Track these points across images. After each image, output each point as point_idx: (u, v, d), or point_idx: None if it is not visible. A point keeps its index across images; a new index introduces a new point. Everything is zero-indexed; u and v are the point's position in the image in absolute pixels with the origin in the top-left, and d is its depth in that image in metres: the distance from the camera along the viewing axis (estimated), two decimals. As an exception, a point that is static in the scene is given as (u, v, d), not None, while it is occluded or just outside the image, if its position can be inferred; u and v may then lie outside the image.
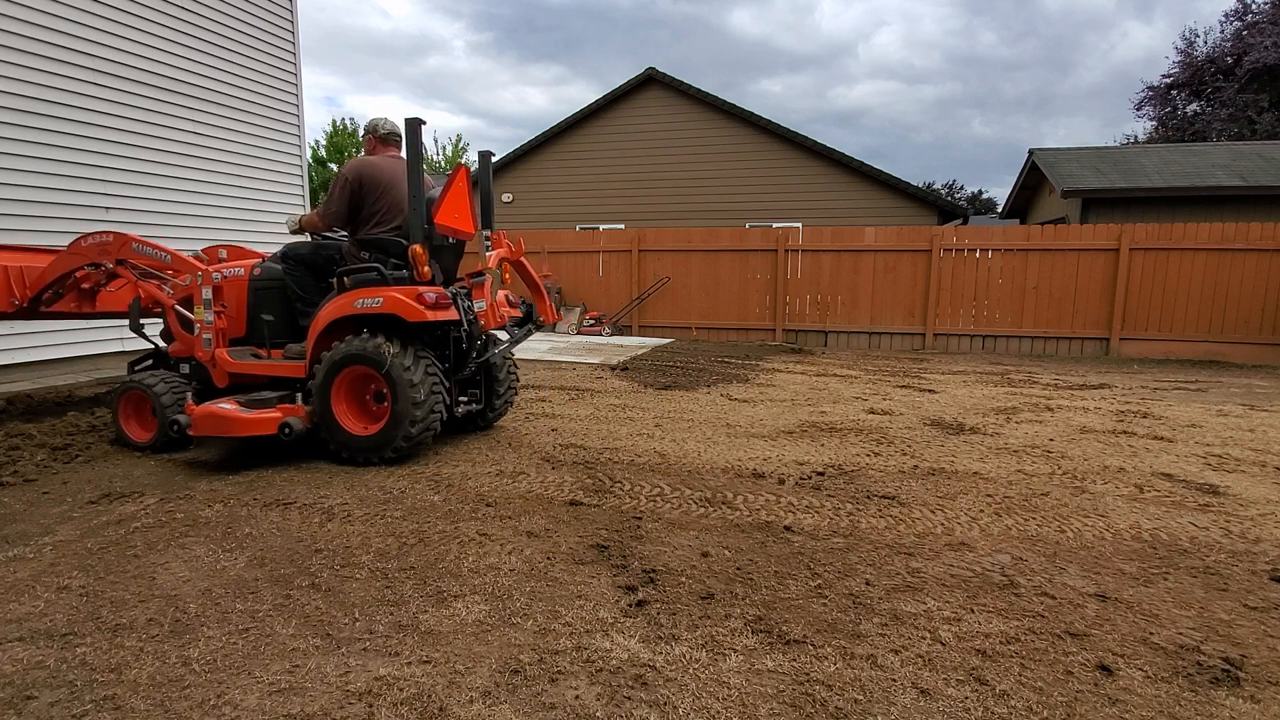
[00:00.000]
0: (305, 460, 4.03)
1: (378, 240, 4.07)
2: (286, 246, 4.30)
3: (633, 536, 2.90)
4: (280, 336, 4.26)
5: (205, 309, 4.16)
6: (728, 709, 1.79)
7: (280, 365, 4.13)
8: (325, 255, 4.26)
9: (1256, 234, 9.45)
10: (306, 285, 4.24)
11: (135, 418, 4.26)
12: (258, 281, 4.34)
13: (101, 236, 4.40)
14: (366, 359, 3.73)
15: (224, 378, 4.22)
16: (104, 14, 6.42)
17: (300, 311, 4.22)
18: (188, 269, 4.26)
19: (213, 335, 4.16)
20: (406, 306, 3.71)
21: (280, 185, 8.67)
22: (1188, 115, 24.49)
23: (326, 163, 34.72)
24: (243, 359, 4.18)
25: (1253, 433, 5.04)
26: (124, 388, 4.22)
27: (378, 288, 3.82)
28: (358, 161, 4.12)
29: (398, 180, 4.11)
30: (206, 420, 3.75)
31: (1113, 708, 1.82)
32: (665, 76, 15.39)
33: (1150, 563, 2.73)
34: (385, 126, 4.32)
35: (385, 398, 3.81)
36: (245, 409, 3.77)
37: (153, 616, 2.23)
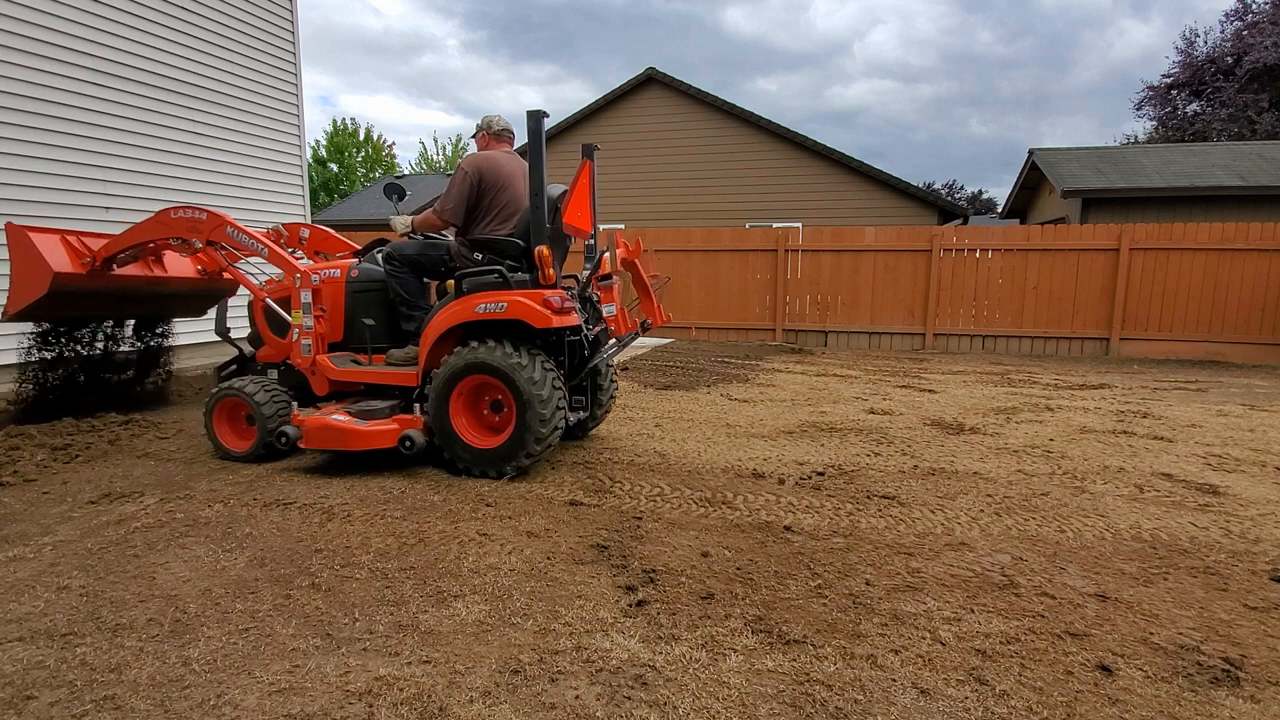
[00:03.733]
0: (305, 460, 4.03)
1: (492, 240, 3.87)
2: (391, 246, 4.10)
3: (633, 536, 2.90)
4: (379, 341, 4.04)
5: (305, 313, 3.96)
6: (728, 709, 1.79)
7: (389, 373, 3.91)
8: (433, 256, 4.06)
9: (1256, 234, 9.45)
10: (412, 288, 4.03)
11: (230, 425, 4.08)
12: (356, 283, 4.14)
13: (194, 212, 4.20)
14: (492, 368, 3.52)
15: (324, 385, 4.02)
16: (104, 14, 6.41)
17: (404, 315, 4.02)
18: (286, 267, 4.04)
19: (313, 341, 3.97)
20: (533, 312, 3.49)
21: (280, 185, 8.66)
22: (1188, 115, 24.48)
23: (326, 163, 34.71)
24: (344, 366, 3.98)
25: (1253, 433, 5.04)
26: (219, 394, 4.02)
27: (500, 292, 3.61)
28: (477, 155, 3.94)
29: (515, 177, 3.95)
30: (319, 432, 3.62)
31: (1113, 708, 1.82)
32: (665, 76, 15.40)
33: (1150, 563, 2.73)
34: (499, 123, 4.15)
35: (503, 407, 3.65)
36: (360, 421, 3.62)
37: (153, 616, 2.23)
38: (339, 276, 4.14)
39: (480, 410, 3.75)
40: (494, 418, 3.73)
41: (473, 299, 3.64)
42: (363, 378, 3.98)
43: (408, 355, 3.92)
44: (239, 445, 4.03)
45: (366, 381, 3.97)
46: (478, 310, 3.60)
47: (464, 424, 3.67)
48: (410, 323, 3.98)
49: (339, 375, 3.98)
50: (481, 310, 3.59)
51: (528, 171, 3.88)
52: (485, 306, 3.58)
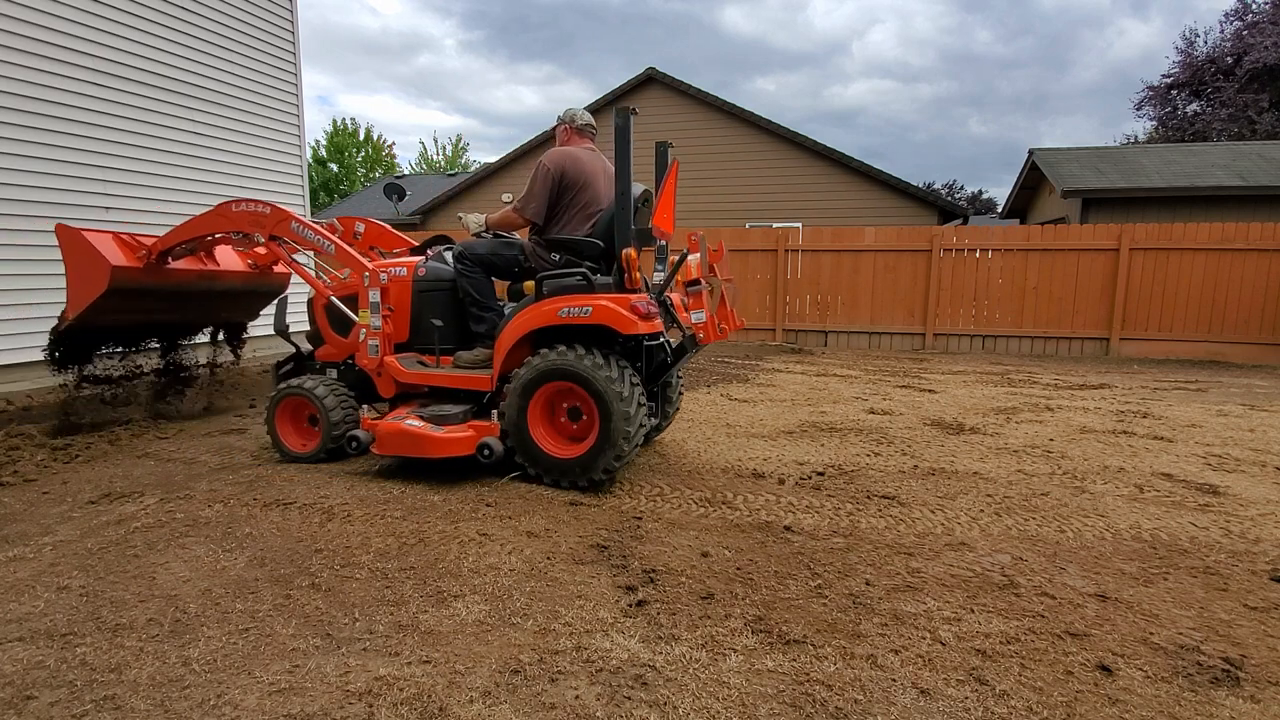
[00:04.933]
0: (304, 460, 4.03)
1: (571, 241, 3.70)
2: (462, 244, 3.95)
3: (633, 536, 2.90)
4: (446, 342, 3.90)
5: (373, 313, 3.83)
6: (728, 709, 1.79)
7: (462, 376, 3.76)
8: (507, 256, 3.89)
9: (1256, 234, 9.45)
10: (483, 288, 3.87)
11: (293, 426, 4.01)
12: (423, 283, 3.98)
13: (258, 206, 4.11)
14: (576, 375, 3.37)
15: (391, 387, 3.91)
16: (104, 14, 6.41)
17: (474, 316, 3.86)
18: (354, 265, 3.94)
19: (380, 341, 3.85)
20: (620, 317, 3.34)
21: (280, 185, 8.66)
22: (1188, 115, 24.47)
23: (326, 163, 34.72)
24: (412, 368, 3.86)
25: (1253, 433, 5.04)
26: (283, 394, 3.93)
27: (585, 295, 3.45)
28: (559, 152, 3.78)
29: (597, 175, 3.81)
30: (393, 438, 3.50)
31: (1113, 708, 1.82)
32: (665, 76, 15.40)
33: (1150, 563, 2.73)
34: (581, 118, 3.99)
35: (581, 415, 3.52)
36: (434, 427, 3.49)
37: (153, 616, 2.23)
38: (406, 275, 3.99)
39: (558, 418, 3.59)
40: (572, 426, 3.57)
41: (554, 302, 3.48)
42: (433, 381, 3.83)
43: (476, 358, 3.79)
44: (301, 446, 3.96)
45: (437, 385, 3.83)
46: (561, 314, 3.44)
47: (542, 432, 3.53)
48: (481, 324, 3.84)
49: (408, 378, 3.84)
50: (565, 314, 3.43)
51: (608, 170, 3.82)
52: (569, 310, 3.42)
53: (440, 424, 3.52)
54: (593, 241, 3.67)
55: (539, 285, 3.58)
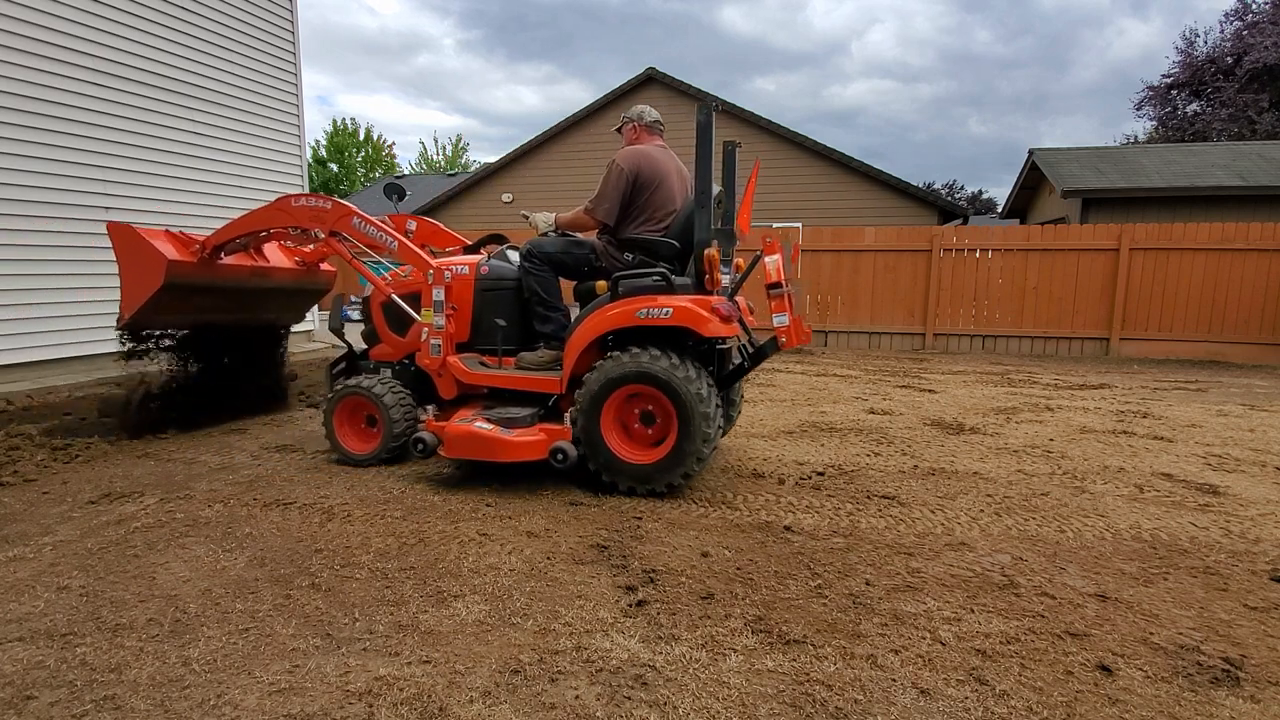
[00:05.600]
0: (304, 460, 4.03)
1: (646, 241, 3.60)
2: (531, 243, 3.83)
3: (633, 536, 2.90)
4: (509, 342, 3.83)
5: (436, 312, 3.76)
6: (728, 709, 1.79)
7: (530, 378, 3.66)
8: (577, 255, 3.79)
9: (1256, 234, 9.45)
10: (551, 288, 3.77)
11: (350, 426, 3.93)
12: (485, 281, 3.90)
13: (318, 200, 4.04)
14: (654, 378, 3.27)
15: (452, 388, 3.83)
16: (104, 14, 6.41)
17: (540, 316, 3.77)
18: (417, 263, 3.85)
19: (443, 341, 3.78)
20: (701, 319, 3.25)
21: (280, 185, 8.66)
22: (1188, 115, 24.47)
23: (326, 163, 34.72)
24: (474, 368, 3.78)
25: (1253, 433, 5.04)
26: (342, 393, 3.85)
27: (664, 296, 3.36)
28: (633, 151, 3.69)
29: (670, 174, 3.73)
30: (462, 441, 3.38)
31: (1113, 708, 1.82)
32: (665, 76, 15.40)
33: (1150, 563, 2.73)
34: (650, 114, 3.88)
35: (654, 419, 3.43)
36: (504, 430, 3.39)
37: (153, 616, 2.23)
38: (468, 274, 3.90)
39: (630, 422, 3.49)
40: (645, 431, 3.47)
41: (632, 302, 3.38)
42: (500, 383, 3.72)
43: (541, 359, 3.71)
44: (360, 448, 3.89)
45: (503, 387, 3.72)
46: (638, 315, 3.33)
47: (615, 437, 3.42)
48: (547, 324, 3.75)
49: (472, 379, 3.74)
50: (643, 316, 3.32)
51: (680, 168, 3.76)
52: (648, 312, 3.31)
53: (509, 427, 3.41)
54: (668, 242, 3.57)
55: (614, 285, 3.48)
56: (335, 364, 4.37)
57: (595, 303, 3.57)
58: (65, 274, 6.20)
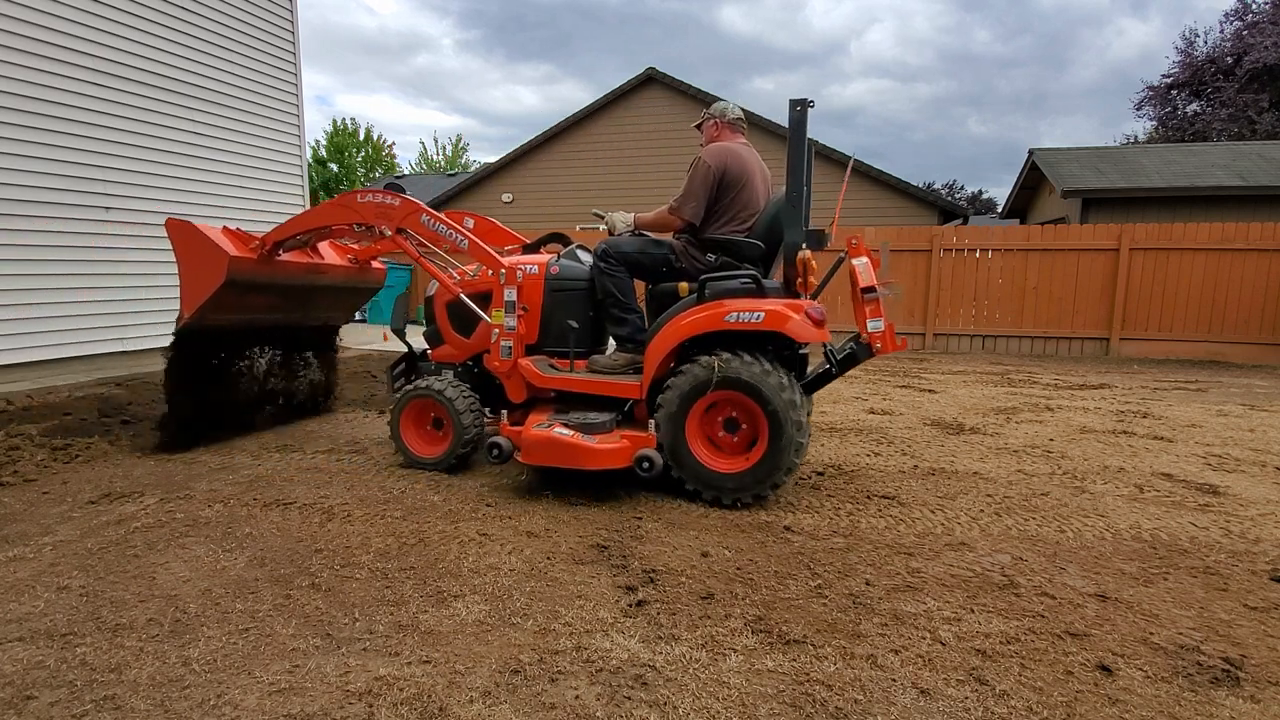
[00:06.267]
0: (304, 460, 4.03)
1: (731, 242, 3.48)
2: (607, 243, 3.70)
3: (633, 536, 2.90)
4: (581, 344, 3.71)
5: (508, 312, 3.64)
6: (728, 709, 1.79)
7: (608, 383, 3.52)
8: (655, 256, 3.65)
9: (1256, 234, 9.44)
10: (627, 289, 3.63)
11: (417, 430, 3.85)
12: (556, 281, 3.77)
13: (385, 196, 3.93)
14: (744, 384, 3.16)
15: (521, 391, 3.72)
16: (104, 14, 6.42)
17: (615, 318, 3.65)
18: (489, 262, 3.72)
19: (514, 343, 3.66)
20: (795, 324, 3.14)
21: (280, 185, 8.67)
22: (1188, 115, 24.46)
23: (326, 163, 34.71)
24: (545, 371, 3.65)
25: (1253, 433, 5.04)
26: (410, 395, 3.77)
27: (755, 299, 3.25)
28: (720, 148, 3.57)
29: (755, 173, 3.61)
30: (542, 447, 3.25)
31: (1113, 708, 1.82)
32: (665, 76, 15.39)
33: (1150, 563, 2.73)
34: (733, 111, 3.77)
35: (739, 426, 3.33)
36: (586, 436, 3.26)
37: (153, 616, 2.23)
38: (537, 274, 3.77)
39: (714, 429, 3.38)
40: (730, 438, 3.36)
41: (720, 305, 3.26)
42: (576, 386, 3.57)
43: (615, 362, 3.59)
44: (427, 452, 3.80)
45: (580, 391, 3.57)
46: (728, 319, 3.21)
47: (700, 444, 3.33)
48: (622, 327, 3.63)
49: (545, 382, 3.60)
50: (733, 320, 3.20)
51: (764, 168, 3.67)
52: (738, 316, 3.19)
53: (590, 433, 3.28)
54: (754, 243, 3.45)
55: (700, 287, 3.36)
56: (395, 365, 4.29)
57: (678, 305, 3.44)
58: (65, 274, 6.20)
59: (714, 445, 3.38)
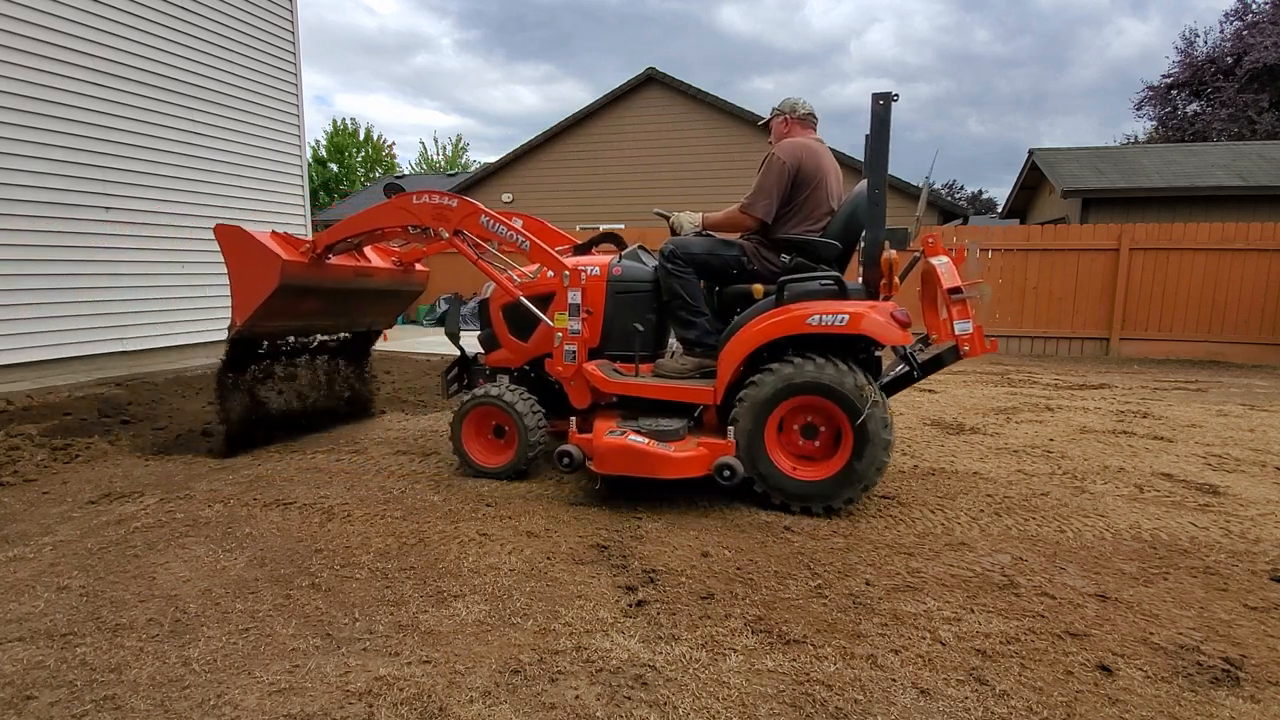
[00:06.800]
0: (304, 460, 4.03)
1: (806, 242, 3.37)
2: (675, 243, 3.56)
3: (633, 536, 2.90)
4: (646, 348, 3.60)
5: (572, 316, 3.55)
6: (728, 709, 1.79)
7: (680, 388, 3.40)
8: (725, 258, 3.52)
9: (1256, 234, 9.44)
10: (695, 291, 3.50)
11: (479, 438, 3.73)
12: (619, 283, 3.64)
13: (442, 198, 3.84)
14: (827, 389, 3.07)
15: (585, 397, 3.61)
16: (104, 14, 6.42)
17: (682, 321, 3.52)
18: (552, 265, 3.61)
19: (578, 347, 3.55)
20: (881, 326, 3.04)
21: (280, 185, 8.67)
22: (1188, 115, 24.46)
23: (326, 163, 34.71)
24: (610, 375, 3.52)
25: (1253, 433, 5.04)
26: (474, 403, 3.67)
27: (836, 301, 3.15)
28: (794, 144, 3.44)
29: (829, 171, 3.50)
30: (617, 455, 3.14)
31: (1113, 708, 1.82)
32: (665, 76, 15.40)
33: (1150, 563, 2.73)
34: (804, 106, 3.62)
35: (817, 432, 3.24)
36: (661, 444, 3.16)
37: (153, 616, 2.23)
38: (600, 275, 3.65)
39: (791, 436, 3.28)
40: (809, 445, 3.27)
41: (801, 308, 3.15)
42: (646, 392, 3.44)
43: (683, 366, 3.48)
44: (490, 461, 3.69)
45: (650, 397, 3.45)
46: (810, 322, 3.09)
47: (778, 452, 3.23)
48: (690, 330, 3.50)
49: (612, 388, 3.47)
50: (815, 322, 3.09)
51: (836, 165, 3.57)
52: (821, 319, 3.08)
53: (663, 440, 3.19)
54: (830, 243, 3.35)
55: (779, 289, 3.25)
56: (449, 370, 4.18)
57: (755, 308, 3.32)
58: (65, 274, 6.20)
59: (792, 451, 3.29)
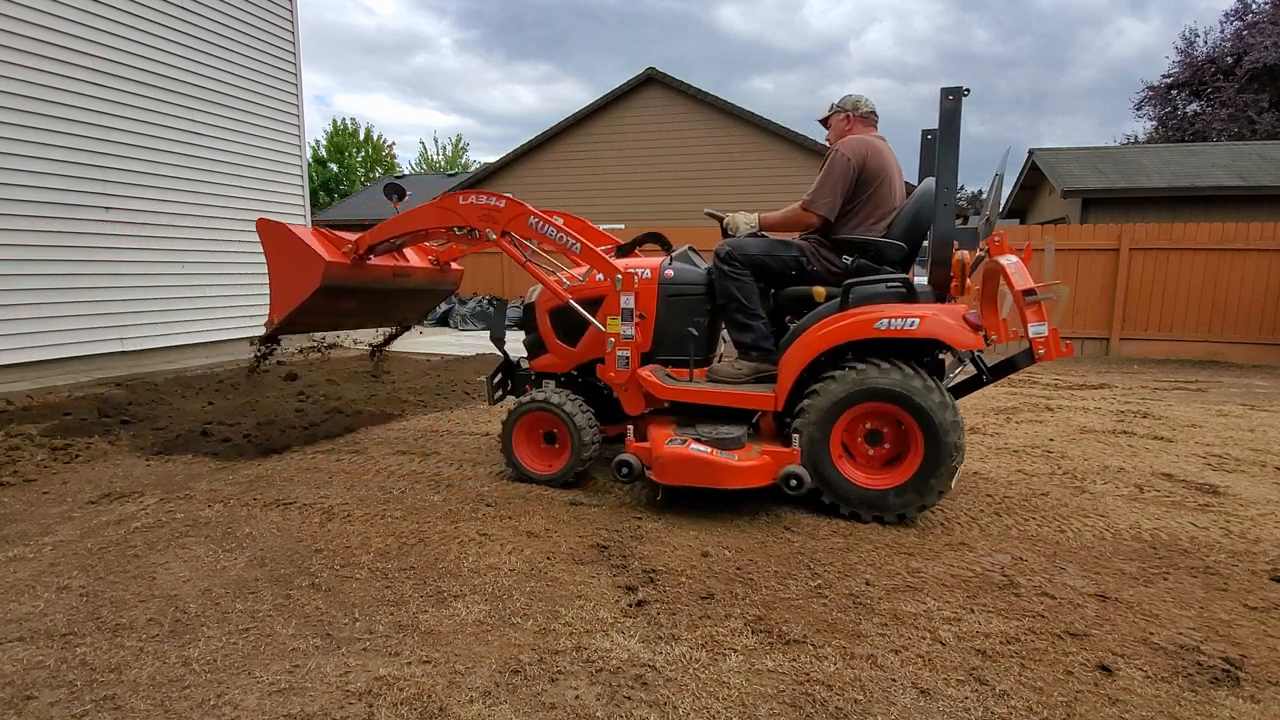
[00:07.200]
0: (304, 460, 4.03)
1: (870, 242, 3.27)
2: (731, 244, 3.46)
3: (633, 536, 2.90)
4: (700, 352, 3.52)
5: (625, 321, 3.46)
6: (728, 709, 1.79)
7: (740, 394, 3.30)
8: (784, 259, 3.42)
9: (1256, 234, 9.44)
10: (752, 294, 3.39)
11: (529, 444, 3.65)
12: (671, 286, 3.55)
13: (490, 198, 3.72)
14: (896, 394, 2.98)
15: (639, 403, 3.54)
16: (104, 14, 6.42)
17: (739, 325, 3.42)
18: (603, 268, 3.52)
19: (632, 352, 3.46)
20: (953, 330, 2.96)
21: (280, 185, 8.67)
22: (1188, 115, 24.46)
23: (326, 163, 34.72)
24: (665, 381, 3.43)
25: (1253, 433, 5.04)
26: (526, 408, 3.58)
27: (905, 305, 3.06)
28: (858, 141, 3.33)
29: (894, 169, 3.40)
30: (679, 465, 3.05)
31: (1113, 708, 1.82)
32: (665, 76, 15.40)
33: (1150, 563, 2.73)
34: (866, 104, 3.51)
35: (882, 438, 3.16)
36: (724, 453, 3.07)
37: (153, 616, 2.23)
38: (651, 278, 3.54)
39: (855, 442, 3.21)
40: (877, 451, 3.19)
41: (869, 311, 3.06)
42: (704, 398, 3.34)
43: (739, 371, 3.38)
44: (541, 467, 3.61)
45: (710, 403, 3.36)
46: (878, 326, 3.00)
47: (845, 459, 3.17)
48: (746, 334, 3.40)
49: (668, 394, 3.38)
50: (884, 326, 2.99)
51: (898, 164, 3.47)
52: (890, 323, 2.99)
53: (726, 448, 3.10)
54: (896, 244, 3.25)
55: (845, 292, 3.14)
56: (493, 375, 4.06)
57: (818, 311, 3.23)
58: (65, 274, 6.20)
59: (858, 458, 3.22)
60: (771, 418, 3.41)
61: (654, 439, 3.25)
